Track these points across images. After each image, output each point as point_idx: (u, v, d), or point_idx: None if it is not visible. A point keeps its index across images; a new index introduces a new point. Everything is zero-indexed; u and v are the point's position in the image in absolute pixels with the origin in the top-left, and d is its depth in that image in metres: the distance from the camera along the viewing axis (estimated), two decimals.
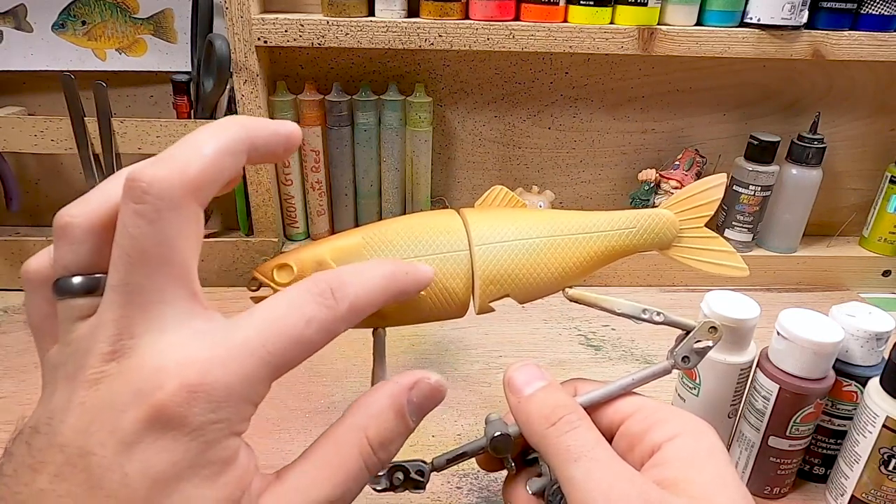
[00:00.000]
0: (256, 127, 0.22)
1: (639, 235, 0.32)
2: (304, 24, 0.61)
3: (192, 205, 0.20)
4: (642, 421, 0.27)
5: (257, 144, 0.22)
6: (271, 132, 0.23)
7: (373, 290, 0.23)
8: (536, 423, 0.26)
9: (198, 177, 0.20)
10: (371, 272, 0.24)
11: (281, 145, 0.23)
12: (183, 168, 0.20)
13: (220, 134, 0.21)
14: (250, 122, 0.22)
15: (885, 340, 0.42)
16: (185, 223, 0.20)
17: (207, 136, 0.21)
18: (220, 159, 0.21)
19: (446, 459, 0.30)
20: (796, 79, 0.73)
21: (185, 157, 0.20)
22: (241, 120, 0.22)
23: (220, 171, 0.21)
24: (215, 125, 0.22)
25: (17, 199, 0.70)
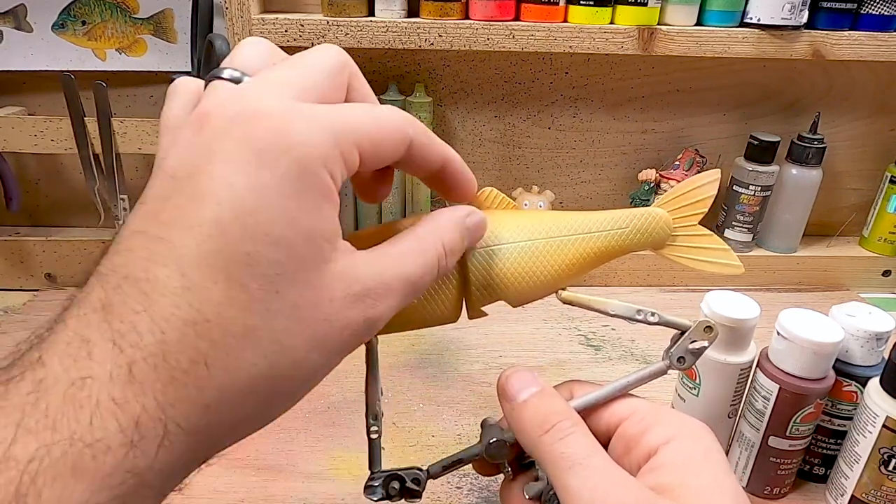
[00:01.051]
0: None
1: (632, 235, 0.32)
2: (304, 24, 0.61)
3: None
4: (638, 423, 0.27)
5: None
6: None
7: (430, 132, 0.25)
8: (530, 430, 0.26)
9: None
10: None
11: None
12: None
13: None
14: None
15: (885, 340, 0.42)
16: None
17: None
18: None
19: (442, 466, 0.30)
20: (796, 79, 0.73)
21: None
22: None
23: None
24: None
25: (17, 199, 0.70)
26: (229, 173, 0.19)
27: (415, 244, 0.24)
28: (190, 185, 0.19)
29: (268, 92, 0.20)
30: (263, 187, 0.19)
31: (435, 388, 0.56)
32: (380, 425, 0.30)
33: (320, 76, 0.22)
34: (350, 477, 0.46)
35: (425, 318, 0.29)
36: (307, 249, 0.20)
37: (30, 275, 0.69)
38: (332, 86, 0.23)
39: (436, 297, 0.29)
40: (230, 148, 0.19)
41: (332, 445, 0.49)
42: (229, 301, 0.18)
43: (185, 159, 0.19)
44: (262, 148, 0.19)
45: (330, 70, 0.23)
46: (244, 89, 0.21)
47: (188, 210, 0.19)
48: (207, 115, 0.20)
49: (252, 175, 0.19)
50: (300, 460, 0.47)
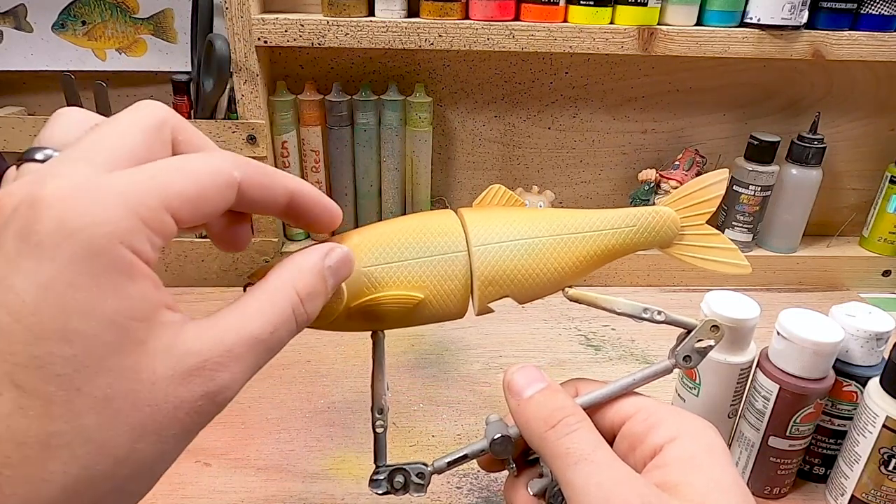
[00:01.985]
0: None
1: (639, 233, 0.32)
2: (304, 24, 0.61)
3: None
4: (643, 421, 0.27)
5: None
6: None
7: (268, 167, 0.23)
8: (536, 426, 0.26)
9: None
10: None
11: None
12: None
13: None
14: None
15: (884, 340, 0.42)
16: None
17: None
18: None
19: (447, 462, 0.30)
20: (796, 79, 0.73)
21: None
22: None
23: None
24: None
25: None
26: (7, 273, 0.17)
27: (262, 299, 0.22)
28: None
29: (63, 169, 0.19)
30: (45, 282, 0.17)
31: (435, 388, 0.56)
32: (385, 419, 0.30)
33: (132, 138, 0.20)
34: (350, 477, 0.46)
35: (431, 313, 0.29)
36: (110, 336, 0.18)
37: None
38: (149, 146, 0.21)
39: (442, 293, 0.29)
40: (9, 246, 0.17)
41: (332, 445, 0.49)
42: (19, 411, 0.17)
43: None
44: (41, 239, 0.17)
45: (144, 129, 0.21)
46: (39, 172, 0.19)
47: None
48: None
49: (32, 270, 0.17)
50: (300, 460, 0.47)
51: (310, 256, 0.25)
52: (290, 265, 0.24)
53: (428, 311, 0.29)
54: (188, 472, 0.46)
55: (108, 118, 0.21)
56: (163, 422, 0.19)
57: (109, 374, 0.18)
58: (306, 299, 0.23)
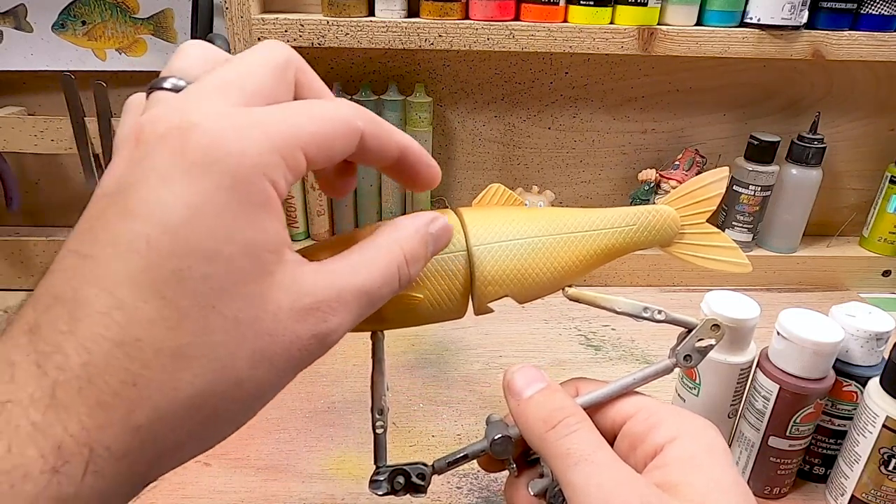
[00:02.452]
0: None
1: (639, 232, 0.32)
2: (304, 24, 0.61)
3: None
4: (644, 421, 0.27)
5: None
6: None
7: (384, 121, 0.24)
8: (536, 427, 0.26)
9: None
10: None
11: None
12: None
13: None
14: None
15: (885, 340, 0.42)
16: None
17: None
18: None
19: (447, 462, 0.30)
20: (796, 79, 0.73)
21: None
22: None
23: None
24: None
25: (17, 199, 0.70)
26: (159, 188, 0.18)
27: (372, 254, 0.23)
28: (121, 202, 0.18)
29: (203, 100, 0.20)
30: (194, 201, 0.18)
31: (435, 388, 0.56)
32: (385, 420, 0.30)
33: (261, 76, 0.21)
34: (350, 477, 0.46)
35: (431, 313, 0.29)
36: (247, 262, 0.19)
37: (30, 275, 0.69)
38: (276, 85, 0.22)
39: (442, 293, 0.29)
40: (162, 163, 0.18)
41: (332, 445, 0.49)
42: (161, 320, 0.18)
43: (119, 177, 0.19)
44: (193, 161, 0.18)
45: (271, 68, 0.22)
46: (178, 100, 0.20)
47: (117, 227, 0.18)
48: (141, 129, 0.19)
49: (182, 189, 0.18)
50: (300, 460, 0.47)
51: (416, 220, 0.25)
52: (399, 226, 0.25)
53: (427, 312, 0.29)
54: (188, 472, 0.46)
55: (236, 56, 0.22)
56: (278, 353, 0.20)
57: (241, 298, 0.19)
58: (410, 261, 0.24)
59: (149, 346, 0.18)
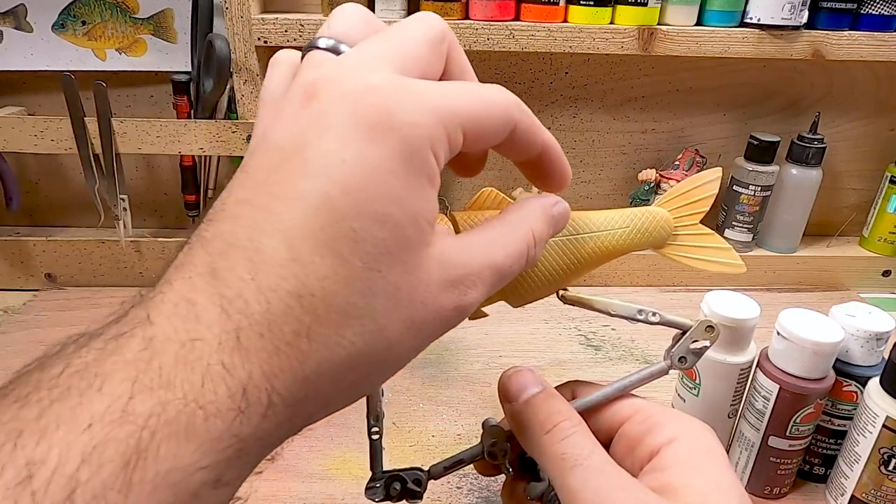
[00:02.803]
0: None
1: (633, 235, 0.32)
2: (304, 24, 0.61)
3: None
4: (640, 423, 0.27)
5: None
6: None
7: (532, 115, 0.24)
8: (531, 431, 0.26)
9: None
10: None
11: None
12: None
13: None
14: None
15: (885, 340, 0.42)
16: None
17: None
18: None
19: (443, 467, 0.30)
20: (796, 79, 0.73)
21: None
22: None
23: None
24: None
25: (17, 199, 0.70)
26: (339, 148, 0.18)
27: (505, 231, 0.24)
28: (299, 157, 0.19)
29: (371, 65, 0.20)
30: (373, 164, 0.18)
31: (435, 388, 0.56)
32: (381, 426, 0.30)
33: (421, 48, 0.21)
34: (350, 477, 0.46)
35: None
36: (411, 230, 0.19)
37: (30, 275, 0.69)
38: (433, 58, 0.22)
39: None
40: (340, 123, 0.19)
41: (331, 445, 0.49)
42: (334, 276, 0.18)
43: (294, 131, 0.19)
44: (372, 124, 0.18)
45: (431, 41, 0.22)
46: (348, 62, 0.20)
47: (296, 182, 0.18)
48: (315, 87, 0.20)
49: (362, 151, 0.18)
50: (300, 460, 0.47)
51: (544, 200, 0.26)
52: (527, 206, 0.25)
53: None
54: None
55: (393, 26, 0.22)
56: (426, 321, 0.20)
57: (403, 264, 0.19)
58: (538, 240, 0.24)
59: (321, 301, 0.18)
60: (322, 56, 0.21)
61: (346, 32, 0.22)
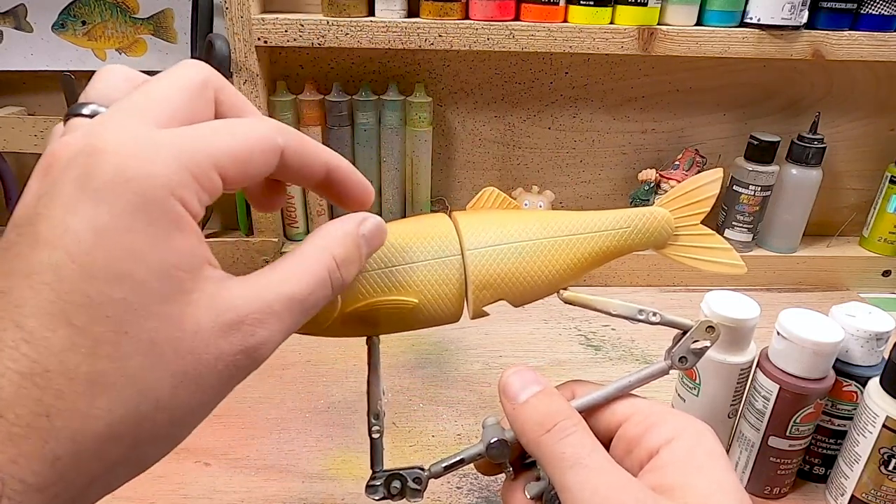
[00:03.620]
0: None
1: (633, 235, 0.32)
2: (304, 24, 0.61)
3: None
4: (640, 423, 0.27)
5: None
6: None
7: (306, 138, 0.24)
8: (531, 430, 0.26)
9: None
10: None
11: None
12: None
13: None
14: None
15: (885, 340, 0.42)
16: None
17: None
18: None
19: (443, 466, 0.30)
20: (796, 79, 0.73)
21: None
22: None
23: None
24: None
25: (16, 200, 0.70)
26: (64, 215, 0.18)
27: (299, 261, 0.23)
28: (30, 232, 0.18)
29: (115, 124, 0.20)
30: (101, 225, 0.18)
31: (435, 388, 0.56)
32: (381, 425, 0.30)
33: (178, 97, 0.21)
34: (350, 477, 0.46)
35: (426, 318, 0.29)
36: (159, 283, 0.19)
37: None
38: (193, 105, 0.22)
39: (437, 298, 0.29)
40: (67, 190, 0.18)
41: (332, 445, 0.49)
42: (72, 347, 0.17)
43: (27, 206, 0.19)
44: (99, 185, 0.18)
45: (188, 89, 0.22)
46: (91, 125, 0.20)
47: (25, 258, 0.18)
48: (52, 157, 0.19)
49: (88, 214, 0.18)
50: (300, 460, 0.47)
51: (344, 224, 0.25)
52: (324, 232, 0.24)
53: (422, 316, 0.29)
54: (188, 472, 0.46)
55: (152, 77, 0.22)
56: (203, 371, 0.20)
57: (156, 319, 0.19)
58: (342, 265, 0.24)
59: (60, 375, 0.17)
60: (77, 122, 0.21)
61: (107, 94, 0.22)
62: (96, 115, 0.21)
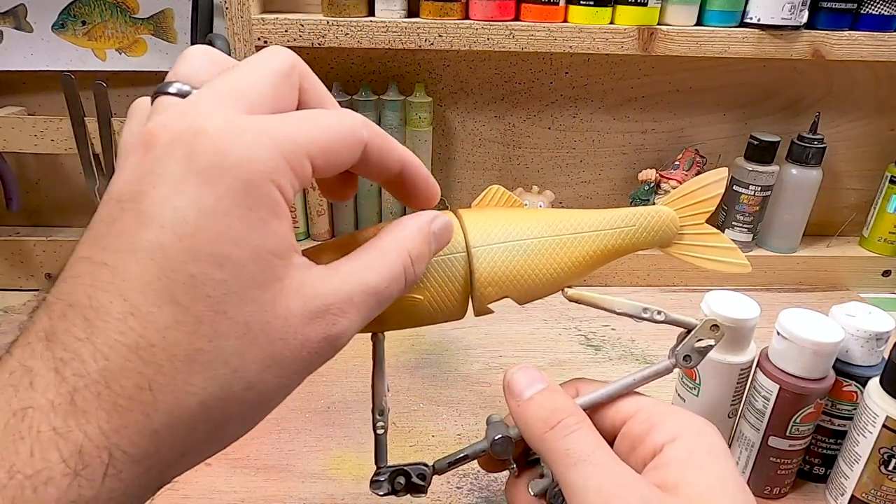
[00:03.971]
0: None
1: (638, 233, 0.32)
2: (304, 24, 0.61)
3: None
4: (644, 421, 0.27)
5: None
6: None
7: (386, 134, 0.24)
8: (536, 427, 0.26)
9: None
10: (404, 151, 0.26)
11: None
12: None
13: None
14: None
15: (885, 340, 0.42)
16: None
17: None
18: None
19: (447, 462, 0.30)
20: (796, 79, 0.73)
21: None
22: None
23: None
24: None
25: (17, 199, 0.70)
26: (171, 195, 0.18)
27: (378, 254, 0.24)
28: (133, 208, 0.19)
29: (210, 107, 0.20)
30: (206, 207, 0.18)
31: (435, 388, 0.56)
32: (386, 421, 0.30)
33: (267, 83, 0.22)
34: (350, 477, 0.46)
35: (431, 314, 0.29)
36: (256, 267, 0.19)
37: (30, 275, 0.69)
38: (281, 92, 0.22)
39: (442, 294, 0.29)
40: (172, 169, 0.19)
41: (332, 445, 0.49)
42: (175, 324, 0.18)
43: (130, 182, 0.19)
44: (203, 167, 0.18)
45: (276, 75, 0.22)
46: (186, 106, 0.20)
47: (130, 234, 0.18)
48: (151, 135, 0.19)
49: (194, 195, 0.18)
50: (300, 460, 0.47)
51: (419, 219, 0.26)
52: (402, 227, 0.25)
53: (427, 313, 0.29)
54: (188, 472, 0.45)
55: (240, 61, 0.22)
56: (288, 356, 0.20)
57: (252, 303, 0.19)
58: (416, 260, 0.24)
59: (163, 350, 0.18)
60: (167, 101, 0.21)
61: (193, 75, 0.22)
62: (187, 96, 0.21)
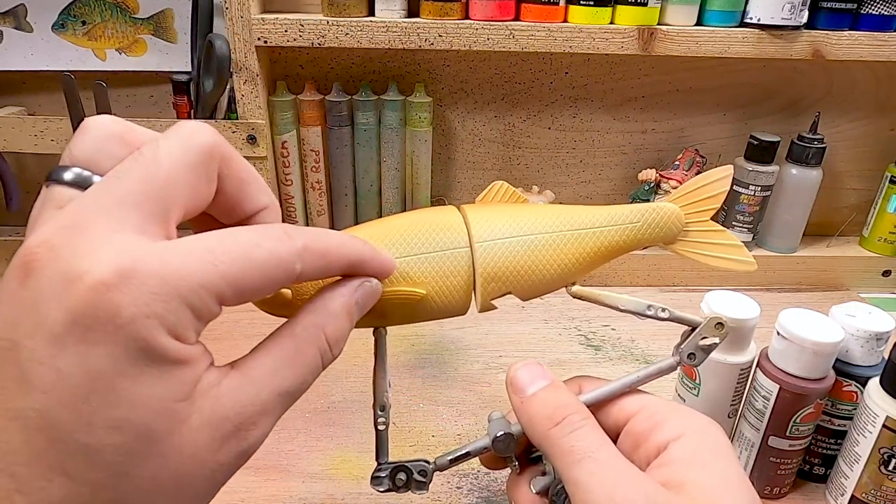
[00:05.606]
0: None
1: (643, 230, 0.32)
2: (304, 24, 0.61)
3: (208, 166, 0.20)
4: (647, 419, 0.27)
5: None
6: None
7: (329, 243, 0.22)
8: (539, 424, 0.26)
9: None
10: (332, 234, 0.23)
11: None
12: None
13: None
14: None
15: (885, 340, 0.42)
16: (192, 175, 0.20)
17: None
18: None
19: (449, 459, 0.30)
20: (796, 79, 0.73)
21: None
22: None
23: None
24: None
25: (17, 199, 0.70)
26: (53, 353, 0.17)
27: (293, 350, 0.22)
28: (12, 360, 0.17)
29: (104, 228, 0.18)
30: (96, 370, 0.17)
31: (435, 388, 0.56)
32: (387, 416, 0.30)
33: (180, 178, 0.19)
34: (349, 477, 0.46)
35: (434, 310, 0.29)
36: (159, 423, 0.18)
37: None
38: (197, 184, 0.20)
39: (445, 289, 0.29)
40: (53, 316, 0.17)
41: (332, 445, 0.49)
42: (71, 497, 0.17)
43: (7, 321, 0.17)
44: (89, 322, 0.17)
45: (192, 168, 0.20)
46: (76, 216, 0.18)
47: (11, 397, 0.17)
48: (33, 259, 0.17)
49: (80, 355, 0.17)
50: (300, 460, 0.47)
51: (340, 296, 0.24)
52: (319, 306, 0.23)
53: (430, 308, 0.29)
54: None
55: (147, 147, 0.20)
56: (203, 487, 0.20)
57: (157, 457, 0.18)
58: (334, 344, 0.23)
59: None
60: (59, 197, 0.19)
61: (95, 157, 0.20)
62: (87, 185, 0.19)
